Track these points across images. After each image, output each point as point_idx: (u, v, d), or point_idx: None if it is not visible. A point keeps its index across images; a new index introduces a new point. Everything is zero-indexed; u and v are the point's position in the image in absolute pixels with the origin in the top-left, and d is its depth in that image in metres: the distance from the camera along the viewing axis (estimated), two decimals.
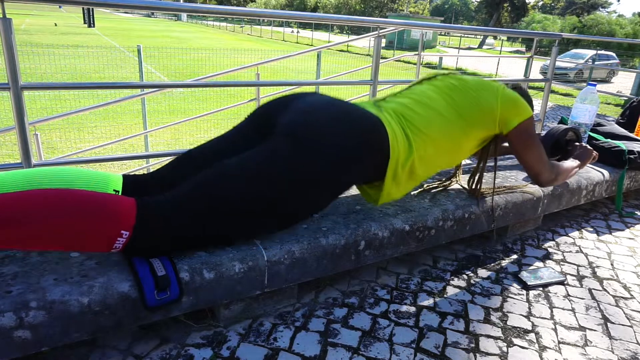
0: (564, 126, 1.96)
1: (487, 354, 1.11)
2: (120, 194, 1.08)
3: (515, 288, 1.41)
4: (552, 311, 1.31)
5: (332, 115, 1.12)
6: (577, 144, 1.86)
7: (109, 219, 0.89)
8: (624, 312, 1.33)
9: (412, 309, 1.26)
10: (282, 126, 1.10)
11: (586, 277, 1.52)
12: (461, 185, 1.67)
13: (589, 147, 1.82)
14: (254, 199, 1.02)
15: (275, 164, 1.03)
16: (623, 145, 2.12)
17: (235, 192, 1.00)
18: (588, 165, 2.09)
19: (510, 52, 31.51)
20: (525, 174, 1.90)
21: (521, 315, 1.28)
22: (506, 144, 1.80)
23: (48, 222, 0.84)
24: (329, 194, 1.15)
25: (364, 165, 1.15)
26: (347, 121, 1.13)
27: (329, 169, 1.08)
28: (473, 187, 1.59)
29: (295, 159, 1.04)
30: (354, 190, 1.54)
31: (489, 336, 1.18)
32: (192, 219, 0.98)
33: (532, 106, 1.55)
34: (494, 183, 1.58)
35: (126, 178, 1.12)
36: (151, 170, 1.22)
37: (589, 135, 2.20)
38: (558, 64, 9.30)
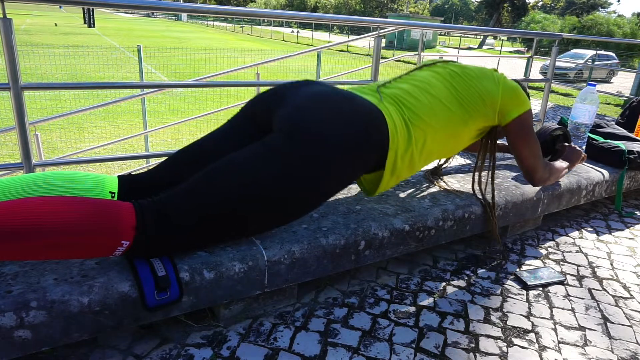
0: (554, 125, 1.94)
1: (487, 353, 1.11)
2: (116, 195, 1.07)
3: (515, 288, 1.41)
4: (552, 311, 1.31)
5: (330, 108, 1.08)
6: (566, 144, 1.86)
7: (109, 232, 0.88)
8: (624, 312, 1.33)
9: (412, 309, 1.26)
10: (278, 122, 1.07)
11: (586, 277, 1.52)
12: (444, 185, 1.67)
13: (577, 147, 1.82)
14: (251, 199, 1.00)
15: (271, 162, 1.00)
16: (623, 145, 2.12)
17: (231, 192, 0.98)
18: (586, 164, 2.09)
19: (510, 52, 31.51)
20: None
21: (521, 315, 1.28)
22: (504, 142, 1.80)
23: (46, 240, 0.83)
24: (328, 190, 1.11)
25: (364, 158, 1.12)
26: (345, 113, 1.09)
27: (329, 165, 1.04)
28: (474, 186, 1.60)
29: (293, 157, 1.01)
30: (353, 190, 1.54)
31: (489, 336, 1.18)
32: (189, 221, 0.97)
33: (529, 100, 1.56)
34: (493, 182, 1.57)
35: (122, 178, 1.11)
36: (147, 169, 1.19)
37: (589, 136, 2.20)
38: (558, 64, 9.32)
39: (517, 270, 1.51)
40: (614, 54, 17.34)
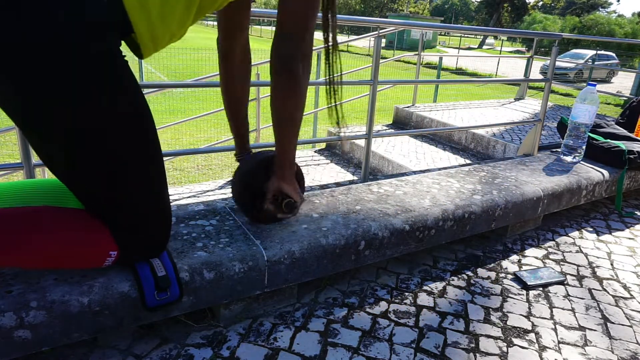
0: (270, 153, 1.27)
1: (487, 354, 1.11)
2: None
3: (515, 288, 1.41)
4: (552, 311, 1.31)
5: None
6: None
7: (95, 246, 0.90)
8: (624, 312, 1.33)
9: (412, 309, 1.26)
10: None
11: (586, 277, 1.52)
12: None
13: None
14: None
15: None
16: (623, 145, 2.12)
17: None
18: (585, 164, 2.09)
19: (511, 52, 31.52)
20: (528, 175, 1.90)
21: (521, 315, 1.28)
22: None
23: (38, 251, 0.85)
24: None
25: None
26: None
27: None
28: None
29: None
30: (354, 191, 1.54)
31: (489, 336, 1.18)
32: (132, 211, 0.92)
33: None
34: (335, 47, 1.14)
35: None
36: None
37: (589, 136, 2.20)
38: (558, 64, 9.29)
39: (517, 270, 1.51)
40: (614, 54, 17.34)
